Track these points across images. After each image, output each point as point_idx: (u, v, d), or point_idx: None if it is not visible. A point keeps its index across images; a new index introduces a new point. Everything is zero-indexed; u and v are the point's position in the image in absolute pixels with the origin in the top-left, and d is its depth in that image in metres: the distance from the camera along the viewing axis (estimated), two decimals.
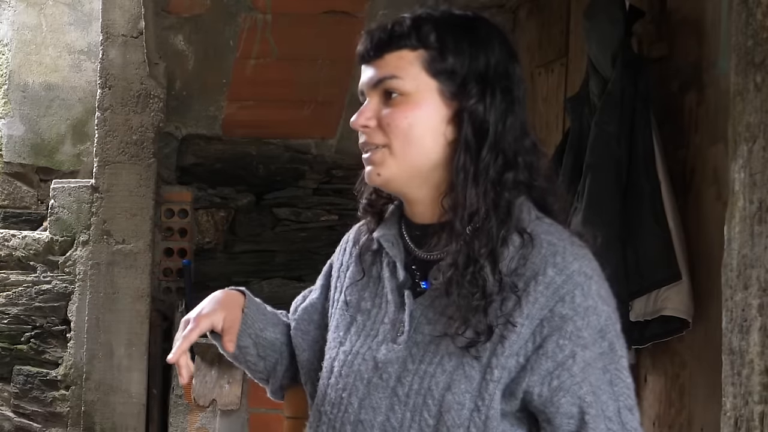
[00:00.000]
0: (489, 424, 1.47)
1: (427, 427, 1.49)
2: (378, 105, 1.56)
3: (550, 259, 1.49)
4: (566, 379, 1.46)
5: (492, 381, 1.47)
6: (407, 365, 1.52)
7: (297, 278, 4.79)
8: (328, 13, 4.48)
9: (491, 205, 1.52)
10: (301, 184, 5.06)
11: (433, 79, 1.54)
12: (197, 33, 4.76)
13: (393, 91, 1.55)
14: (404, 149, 1.54)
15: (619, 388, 1.48)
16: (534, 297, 1.48)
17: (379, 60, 1.56)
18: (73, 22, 5.73)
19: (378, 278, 1.63)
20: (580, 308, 1.47)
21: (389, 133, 1.54)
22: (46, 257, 4.98)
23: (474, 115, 1.53)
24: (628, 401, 1.49)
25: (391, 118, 1.54)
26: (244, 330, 1.72)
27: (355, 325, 1.62)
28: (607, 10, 3.03)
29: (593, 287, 1.50)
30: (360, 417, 1.54)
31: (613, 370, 1.48)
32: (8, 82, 5.69)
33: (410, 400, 1.50)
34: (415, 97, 1.54)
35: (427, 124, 1.54)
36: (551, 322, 1.47)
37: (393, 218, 1.64)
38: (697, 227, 2.86)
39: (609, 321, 1.50)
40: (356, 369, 1.57)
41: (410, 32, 1.55)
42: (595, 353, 1.47)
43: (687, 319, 2.81)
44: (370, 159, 1.57)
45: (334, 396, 1.59)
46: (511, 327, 1.47)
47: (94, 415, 4.74)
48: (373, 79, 1.57)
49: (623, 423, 1.47)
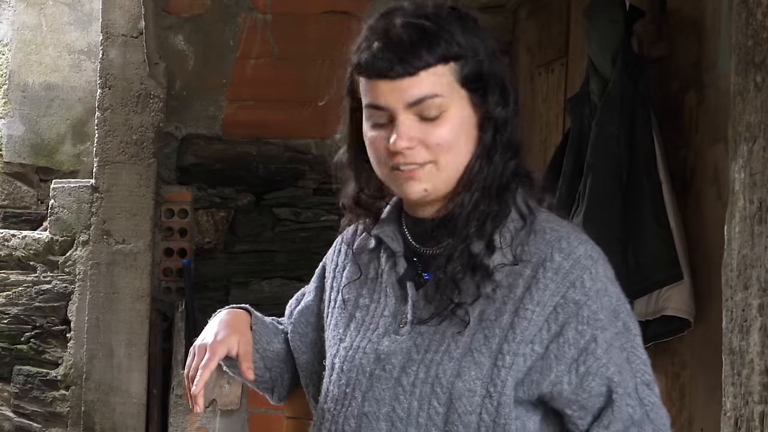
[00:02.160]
0: (501, 410, 1.47)
1: (436, 415, 1.49)
2: (414, 123, 1.52)
3: (555, 245, 1.51)
4: (592, 363, 1.48)
5: (504, 367, 1.47)
6: (412, 355, 1.52)
7: (297, 278, 4.79)
8: (328, 13, 4.49)
9: (495, 200, 1.53)
10: (301, 184, 5.05)
11: (464, 89, 1.53)
12: (197, 33, 4.76)
13: (435, 109, 1.51)
14: (450, 162, 1.53)
15: (636, 365, 1.51)
16: (544, 284, 1.49)
17: (413, 77, 1.50)
18: (73, 22, 5.73)
19: (376, 276, 1.63)
20: (592, 292, 1.50)
21: (437, 151, 1.52)
22: (46, 257, 4.97)
23: (498, 118, 1.54)
24: (645, 377, 1.52)
25: (440, 137, 1.51)
26: (253, 347, 1.72)
27: (354, 321, 1.62)
28: (607, 10, 3.03)
29: (600, 270, 1.52)
30: (364, 410, 1.54)
31: (629, 348, 1.51)
32: (8, 82, 5.69)
33: (416, 389, 1.50)
34: (454, 111, 1.52)
35: (464, 134, 1.53)
36: (566, 308, 1.49)
37: (392, 215, 1.64)
38: (697, 227, 2.86)
39: (620, 301, 1.54)
40: (358, 363, 1.57)
41: (440, 43, 1.51)
42: (612, 333, 1.50)
43: (688, 318, 2.81)
44: (413, 175, 1.53)
45: (337, 392, 1.58)
46: (522, 313, 1.48)
47: (94, 415, 4.74)
48: (409, 99, 1.51)
49: (640, 398, 1.50)
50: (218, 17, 4.75)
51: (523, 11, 4.51)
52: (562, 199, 3.06)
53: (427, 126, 1.51)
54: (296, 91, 4.80)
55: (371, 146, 1.56)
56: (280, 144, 5.03)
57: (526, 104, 4.22)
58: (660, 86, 3.04)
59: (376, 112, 1.54)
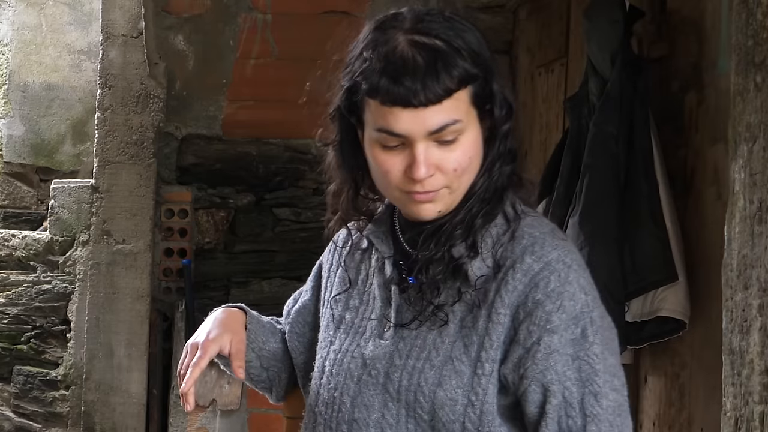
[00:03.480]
0: (484, 418, 1.46)
1: (423, 422, 1.48)
2: (432, 149, 1.48)
3: (528, 249, 1.49)
4: (530, 366, 1.45)
5: (484, 375, 1.46)
6: (394, 360, 1.51)
7: (297, 278, 4.79)
8: (328, 13, 4.49)
9: (486, 204, 1.53)
10: (301, 184, 5.06)
11: (475, 108, 1.51)
12: (197, 33, 4.76)
13: (453, 135, 1.48)
14: (463, 183, 1.52)
15: (585, 374, 1.45)
16: (513, 285, 1.47)
17: (436, 106, 1.45)
18: (73, 22, 5.73)
19: (366, 276, 1.63)
20: (554, 294, 1.46)
21: (453, 176, 1.50)
22: (46, 257, 4.98)
23: (503, 134, 1.53)
24: (594, 387, 1.45)
25: (457, 163, 1.49)
26: (248, 345, 1.72)
27: (344, 323, 1.62)
28: (607, 10, 3.03)
29: (571, 275, 1.48)
30: (354, 416, 1.53)
31: (583, 356, 1.45)
32: (8, 82, 5.70)
33: (402, 396, 1.50)
34: (468, 133, 1.50)
35: (477, 152, 1.52)
36: (525, 308, 1.46)
37: (384, 216, 1.64)
38: (697, 227, 2.86)
39: (585, 308, 1.47)
40: (346, 367, 1.56)
41: (456, 65, 1.46)
42: (566, 339, 1.45)
43: (683, 320, 2.81)
44: (429, 198, 1.51)
45: (326, 396, 1.58)
46: (495, 318, 1.47)
47: (94, 415, 4.74)
48: (431, 128, 1.46)
49: (584, 408, 1.44)
50: (218, 17, 4.75)
51: (523, 11, 4.51)
52: (559, 199, 3.06)
53: (443, 151, 1.48)
54: (296, 91, 4.78)
55: (380, 168, 1.51)
56: (280, 144, 5.03)
57: (526, 104, 4.22)
58: (660, 86, 3.03)
59: (390, 138, 1.48)
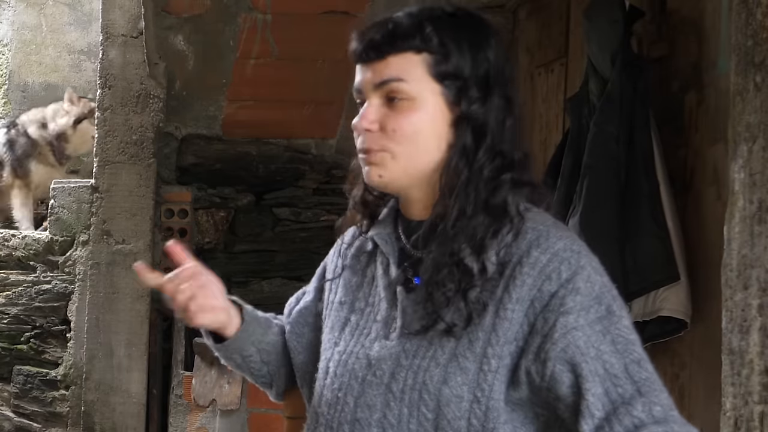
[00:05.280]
0: (489, 414, 1.46)
1: (426, 422, 1.48)
2: (380, 108, 1.55)
3: (534, 243, 1.49)
4: (549, 347, 1.44)
5: (489, 371, 1.46)
6: (400, 361, 1.52)
7: (297, 278, 4.79)
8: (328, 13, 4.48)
9: (482, 205, 1.52)
10: (301, 184, 5.06)
11: (437, 83, 1.53)
12: (197, 33, 4.76)
13: (397, 94, 1.53)
14: (408, 154, 1.54)
15: (622, 346, 1.45)
16: (521, 280, 1.47)
17: (381, 61, 1.55)
18: (73, 22, 5.73)
19: (372, 278, 1.64)
20: (567, 282, 1.46)
21: (393, 138, 1.54)
22: (46, 257, 4.97)
23: (475, 119, 1.53)
24: (634, 355, 1.46)
25: (397, 124, 1.53)
26: (247, 338, 1.73)
27: (349, 325, 1.62)
28: (606, 10, 3.03)
29: (582, 260, 1.49)
30: (356, 416, 1.54)
31: (614, 330, 1.46)
32: (8, 82, 5.70)
33: (405, 395, 1.50)
34: (419, 102, 1.53)
35: (432, 130, 1.54)
36: (541, 300, 1.46)
37: (388, 217, 1.65)
38: (696, 227, 2.86)
39: (604, 288, 1.48)
40: (350, 368, 1.57)
41: (414, 34, 1.53)
42: (591, 318, 1.45)
43: (685, 320, 2.81)
44: (370, 160, 1.56)
45: (330, 396, 1.59)
46: (502, 314, 1.47)
47: (94, 415, 4.74)
48: (376, 81, 1.55)
49: (630, 376, 1.44)
50: (218, 17, 4.74)
51: (523, 11, 4.51)
52: (560, 199, 3.06)
53: (391, 112, 1.54)
54: (296, 91, 4.80)
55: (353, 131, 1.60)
56: (280, 144, 5.04)
57: (526, 104, 4.22)
58: (660, 86, 3.03)
59: (359, 96, 1.59)
